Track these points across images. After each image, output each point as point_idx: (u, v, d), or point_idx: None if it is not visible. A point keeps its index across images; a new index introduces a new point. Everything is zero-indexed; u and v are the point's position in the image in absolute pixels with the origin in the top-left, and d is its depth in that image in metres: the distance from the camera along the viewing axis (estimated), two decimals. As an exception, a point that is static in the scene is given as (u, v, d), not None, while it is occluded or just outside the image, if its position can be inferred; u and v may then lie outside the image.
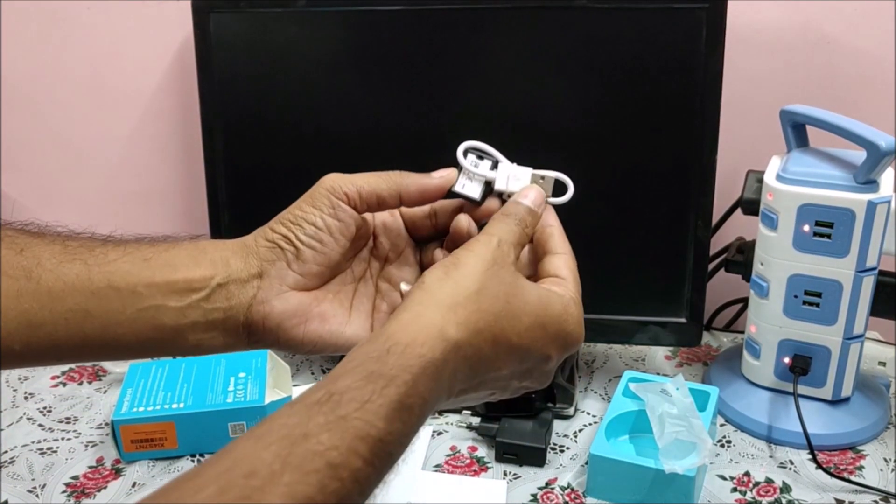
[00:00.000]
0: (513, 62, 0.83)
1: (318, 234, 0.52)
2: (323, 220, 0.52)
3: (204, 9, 0.86)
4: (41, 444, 0.88)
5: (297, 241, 0.52)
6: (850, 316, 0.80)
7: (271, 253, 0.52)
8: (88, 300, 0.49)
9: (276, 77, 0.87)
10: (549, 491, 0.79)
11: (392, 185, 0.53)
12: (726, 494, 0.77)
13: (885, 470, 0.80)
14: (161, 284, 0.50)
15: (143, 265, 0.50)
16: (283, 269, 0.52)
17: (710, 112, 0.81)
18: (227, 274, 0.51)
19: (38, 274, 0.48)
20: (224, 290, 0.51)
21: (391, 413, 0.41)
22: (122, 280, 0.49)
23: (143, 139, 1.05)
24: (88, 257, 0.50)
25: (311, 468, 0.38)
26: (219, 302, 0.51)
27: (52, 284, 0.48)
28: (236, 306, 0.51)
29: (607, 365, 0.99)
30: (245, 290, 0.52)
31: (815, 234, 0.78)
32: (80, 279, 0.49)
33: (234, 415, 0.83)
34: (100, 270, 0.49)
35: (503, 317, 0.47)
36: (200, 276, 0.51)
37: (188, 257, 0.51)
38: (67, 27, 1.01)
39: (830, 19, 0.94)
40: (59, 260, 0.49)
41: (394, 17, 0.83)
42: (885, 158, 0.74)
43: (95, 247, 0.51)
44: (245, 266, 0.52)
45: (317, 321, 0.53)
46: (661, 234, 0.86)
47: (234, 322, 0.52)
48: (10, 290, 0.48)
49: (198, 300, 0.51)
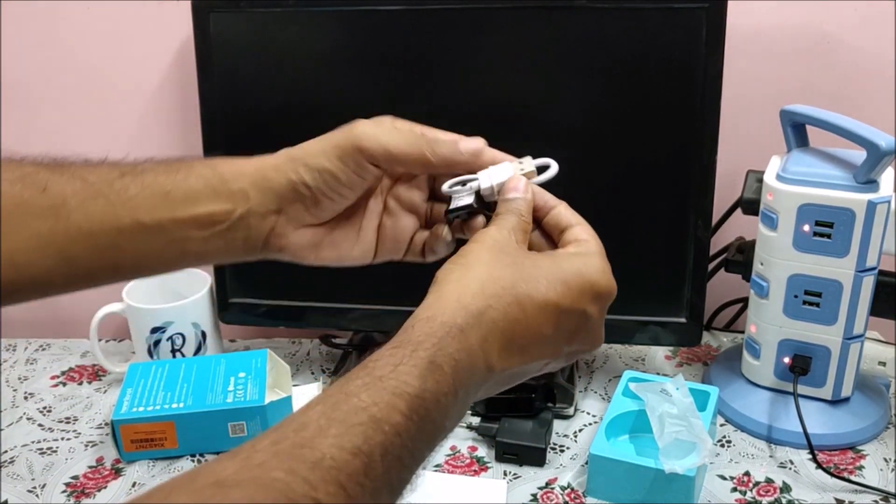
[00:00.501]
0: (513, 62, 0.83)
1: (339, 188, 0.54)
2: (347, 177, 0.53)
3: (204, 9, 0.86)
4: (41, 444, 0.88)
5: (317, 192, 0.54)
6: (850, 316, 0.80)
7: (291, 193, 0.54)
8: (117, 237, 0.51)
9: (276, 77, 0.87)
10: (549, 491, 0.79)
11: (419, 156, 0.53)
12: (726, 494, 0.77)
13: (885, 470, 0.80)
14: (185, 219, 0.52)
15: (164, 199, 0.52)
16: (301, 211, 0.55)
17: (710, 112, 0.81)
18: (247, 206, 0.53)
19: (66, 213, 0.50)
20: (244, 221, 0.54)
21: (423, 372, 0.43)
22: (146, 215, 0.52)
23: (143, 139, 1.05)
24: (110, 192, 0.51)
25: (355, 421, 0.40)
26: (240, 231, 0.54)
27: (81, 222, 0.50)
28: (255, 236, 0.54)
29: (607, 365, 0.99)
30: (263, 223, 0.54)
31: (815, 234, 0.78)
32: (106, 216, 0.51)
33: (233, 415, 0.83)
34: (123, 206, 0.51)
35: (519, 280, 0.48)
36: (222, 209, 0.53)
37: (208, 188, 0.53)
38: (67, 27, 1.01)
39: (830, 19, 0.94)
40: (82, 197, 0.51)
41: (394, 17, 0.83)
42: (885, 158, 0.74)
43: (114, 179, 0.52)
44: (264, 200, 0.54)
45: (328, 248, 0.57)
46: (661, 234, 0.86)
47: (253, 247, 0.55)
48: (43, 230, 0.50)
49: (220, 230, 0.53)
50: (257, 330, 1.09)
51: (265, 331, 1.08)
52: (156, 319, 0.93)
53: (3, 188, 0.50)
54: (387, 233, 0.58)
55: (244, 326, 1.06)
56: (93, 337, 0.95)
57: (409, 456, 0.42)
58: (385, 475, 0.40)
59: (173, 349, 0.94)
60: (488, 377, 0.47)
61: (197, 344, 0.96)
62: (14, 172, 0.51)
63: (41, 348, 1.06)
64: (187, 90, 1.01)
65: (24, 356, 1.05)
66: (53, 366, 1.03)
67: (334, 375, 0.97)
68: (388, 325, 0.92)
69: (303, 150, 0.54)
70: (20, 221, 0.49)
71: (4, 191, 0.50)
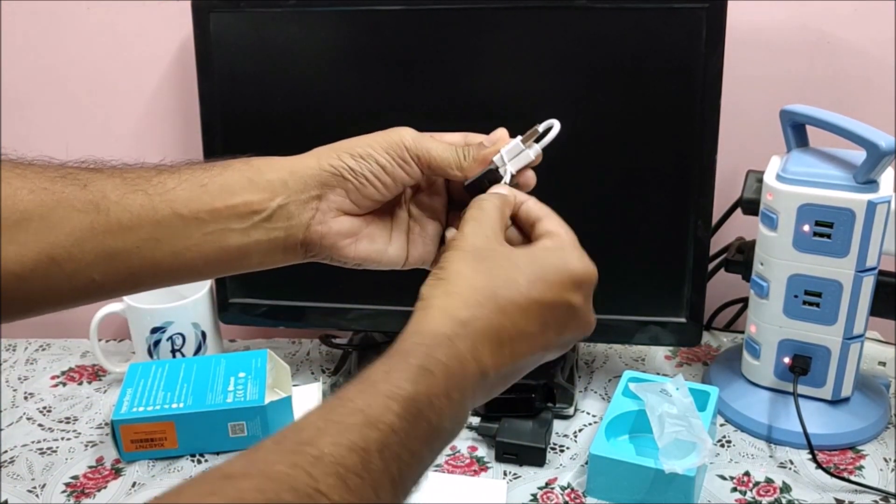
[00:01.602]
0: (513, 62, 0.83)
1: (383, 176, 0.55)
2: (391, 166, 0.55)
3: (204, 9, 0.86)
4: (41, 443, 0.88)
5: (361, 177, 0.55)
6: (850, 316, 0.80)
7: (333, 179, 0.55)
8: (156, 229, 0.52)
9: (276, 76, 0.87)
10: (549, 491, 0.79)
11: (456, 163, 0.56)
12: (726, 494, 0.77)
13: (885, 470, 0.80)
14: (222, 209, 0.53)
15: (201, 191, 0.53)
16: (342, 197, 0.55)
17: (710, 112, 0.81)
18: (286, 195, 0.54)
19: (106, 207, 0.51)
20: (284, 210, 0.54)
21: (415, 377, 0.44)
22: (184, 207, 0.52)
23: (143, 139, 1.05)
24: (148, 187, 0.52)
25: (351, 421, 0.41)
26: (280, 221, 0.54)
27: (121, 216, 0.51)
28: (296, 225, 0.55)
29: (607, 365, 0.99)
30: (304, 210, 0.55)
31: (815, 234, 0.78)
32: (144, 209, 0.52)
33: (233, 415, 0.83)
34: (161, 199, 0.52)
35: (500, 286, 0.49)
36: (259, 198, 0.54)
37: (245, 179, 0.54)
38: (67, 27, 1.01)
39: (830, 19, 0.94)
40: (122, 192, 0.52)
41: (394, 16, 0.83)
42: (885, 158, 0.74)
43: (151, 176, 0.53)
44: (304, 187, 0.54)
45: (366, 241, 0.57)
46: (661, 234, 0.86)
47: (294, 240, 0.55)
48: (84, 223, 0.51)
49: (259, 221, 0.54)
50: (257, 330, 1.09)
51: (265, 331, 1.08)
52: (156, 319, 0.93)
53: (45, 185, 0.50)
54: (416, 237, 0.60)
55: (244, 326, 1.06)
56: (93, 337, 0.95)
57: (407, 454, 0.43)
58: (385, 471, 0.41)
59: (173, 349, 0.95)
60: (483, 380, 0.48)
61: (197, 344, 0.96)
62: (57, 171, 0.52)
63: (41, 348, 1.06)
64: (187, 90, 1.01)
65: (24, 356, 1.05)
66: (53, 366, 1.03)
67: (334, 375, 0.97)
68: (387, 325, 0.92)
69: (345, 142, 0.56)
70: (62, 216, 0.50)
71: (47, 187, 0.50)
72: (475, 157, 0.56)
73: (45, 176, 0.51)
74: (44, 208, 0.50)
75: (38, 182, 0.50)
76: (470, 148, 0.56)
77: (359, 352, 1.00)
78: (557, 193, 0.57)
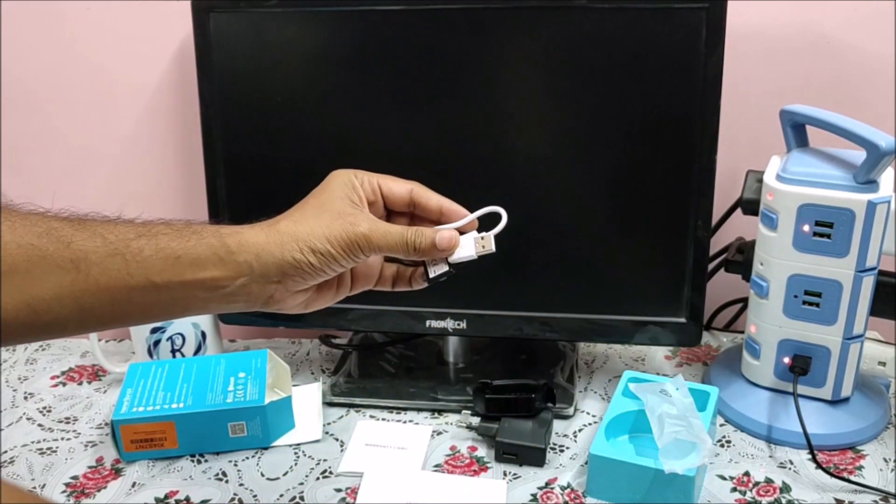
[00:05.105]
0: (513, 62, 0.83)
1: (338, 268, 0.62)
2: (347, 261, 0.61)
3: (204, 8, 0.86)
4: (41, 444, 0.88)
5: (319, 271, 0.61)
6: (849, 316, 0.80)
7: (294, 270, 0.60)
8: (130, 292, 0.57)
9: (275, 77, 0.87)
10: (549, 491, 0.79)
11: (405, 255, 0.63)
12: (726, 494, 0.77)
13: (885, 470, 0.80)
14: (191, 281, 0.59)
15: (174, 262, 0.58)
16: (300, 283, 0.62)
17: (710, 112, 0.81)
18: (250, 277, 0.60)
19: (87, 267, 0.56)
20: (247, 287, 0.60)
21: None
22: (157, 276, 0.58)
23: (142, 139, 1.05)
24: (126, 252, 0.57)
25: None
26: (241, 296, 0.61)
27: (99, 277, 0.56)
28: (255, 298, 0.61)
29: (607, 365, 0.99)
30: (265, 290, 0.61)
31: (814, 234, 0.78)
32: (121, 274, 0.57)
33: (233, 415, 0.83)
34: (137, 266, 0.57)
35: None
36: (226, 275, 0.59)
37: (215, 258, 0.59)
38: (67, 27, 1.01)
39: (830, 19, 0.94)
40: (102, 255, 0.57)
41: (394, 17, 0.83)
42: (884, 158, 0.74)
43: (130, 241, 0.58)
44: (267, 273, 0.60)
45: (316, 303, 0.66)
46: (660, 234, 0.86)
47: (251, 307, 0.62)
48: (65, 281, 0.55)
49: (223, 293, 0.60)
50: (257, 330, 1.09)
51: (265, 331, 1.08)
52: (156, 319, 0.93)
53: (32, 241, 0.55)
54: (360, 270, 0.67)
55: (244, 326, 1.06)
56: (93, 337, 0.95)
57: None
58: None
59: (173, 349, 0.95)
60: None
61: (197, 344, 0.96)
62: (40, 226, 0.56)
63: (41, 348, 1.06)
64: (187, 90, 1.01)
65: (24, 356, 1.05)
66: (53, 366, 1.03)
67: (334, 375, 0.97)
68: (387, 325, 0.92)
69: (307, 232, 0.60)
70: (44, 273, 0.55)
71: (33, 243, 0.55)
72: (424, 252, 0.62)
73: (32, 232, 0.55)
74: (29, 263, 0.54)
75: (25, 237, 0.55)
76: (422, 239, 0.62)
77: (359, 352, 1.00)
78: (557, 193, 0.57)
